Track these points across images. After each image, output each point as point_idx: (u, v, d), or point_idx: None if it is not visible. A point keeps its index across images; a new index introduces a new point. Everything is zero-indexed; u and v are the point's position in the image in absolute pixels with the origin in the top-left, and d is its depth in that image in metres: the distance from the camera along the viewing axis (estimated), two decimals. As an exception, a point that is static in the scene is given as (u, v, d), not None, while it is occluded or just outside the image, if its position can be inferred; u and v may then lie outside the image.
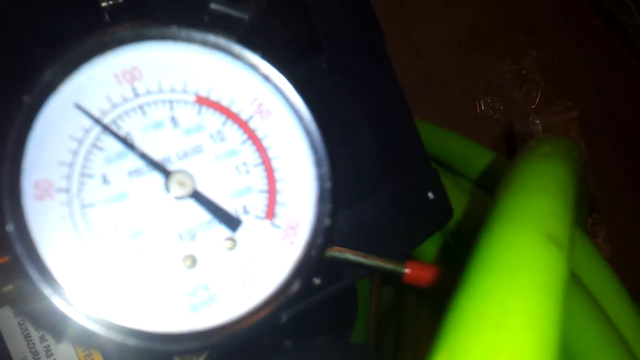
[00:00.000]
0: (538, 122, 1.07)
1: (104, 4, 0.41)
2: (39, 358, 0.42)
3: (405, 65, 1.09)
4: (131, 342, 0.26)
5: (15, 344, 0.42)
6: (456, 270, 0.37)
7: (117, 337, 0.26)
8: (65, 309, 0.26)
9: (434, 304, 0.48)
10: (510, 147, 1.11)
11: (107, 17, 0.42)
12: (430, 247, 0.48)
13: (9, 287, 0.31)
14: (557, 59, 1.13)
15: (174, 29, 0.29)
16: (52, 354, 0.42)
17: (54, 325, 0.40)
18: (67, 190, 0.27)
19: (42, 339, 0.42)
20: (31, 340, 0.42)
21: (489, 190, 0.52)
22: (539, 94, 1.10)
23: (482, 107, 1.12)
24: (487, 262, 0.23)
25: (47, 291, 0.25)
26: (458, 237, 0.46)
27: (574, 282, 0.36)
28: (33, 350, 0.42)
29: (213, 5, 0.34)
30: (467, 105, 1.14)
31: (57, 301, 0.25)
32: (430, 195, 0.41)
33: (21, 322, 0.42)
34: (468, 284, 0.22)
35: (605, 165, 1.08)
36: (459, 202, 0.45)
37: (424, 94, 1.11)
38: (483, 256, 0.23)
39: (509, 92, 1.13)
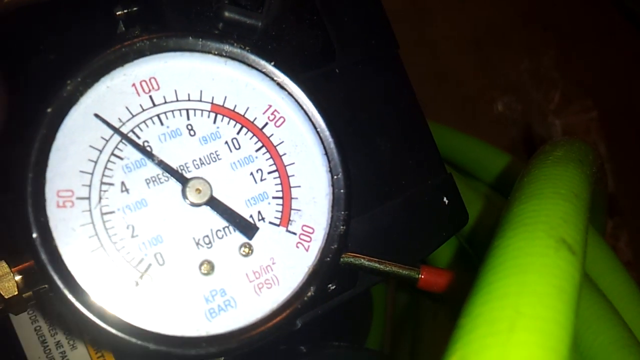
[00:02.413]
0: (557, 122, 1.06)
1: (118, 13, 0.42)
2: (55, 363, 0.43)
3: (421, 65, 1.09)
4: (151, 345, 0.26)
5: (32, 350, 0.43)
6: (471, 276, 0.37)
7: (137, 341, 0.26)
8: (88, 313, 0.26)
9: (450, 310, 0.48)
10: (529, 149, 1.10)
11: (121, 25, 0.43)
12: (446, 252, 0.48)
13: (28, 294, 0.32)
14: (576, 57, 1.12)
15: (190, 40, 0.30)
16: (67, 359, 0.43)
17: (73, 327, 0.41)
18: (88, 199, 0.28)
19: (58, 344, 0.43)
20: (47, 346, 0.43)
21: (504, 194, 0.52)
22: (558, 93, 1.09)
23: (500, 107, 1.11)
24: (500, 267, 0.23)
25: (70, 296, 0.26)
26: (473, 241, 0.46)
27: (590, 286, 0.36)
28: (49, 355, 0.43)
29: (227, 14, 0.35)
30: (484, 105, 1.13)
31: (79, 305, 0.26)
32: (445, 200, 0.41)
33: (37, 327, 0.44)
34: (481, 288, 0.22)
35: (627, 166, 1.06)
36: (474, 206, 0.45)
37: (439, 94, 1.10)
38: (496, 261, 0.23)
39: (526, 91, 1.11)
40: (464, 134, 0.59)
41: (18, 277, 0.32)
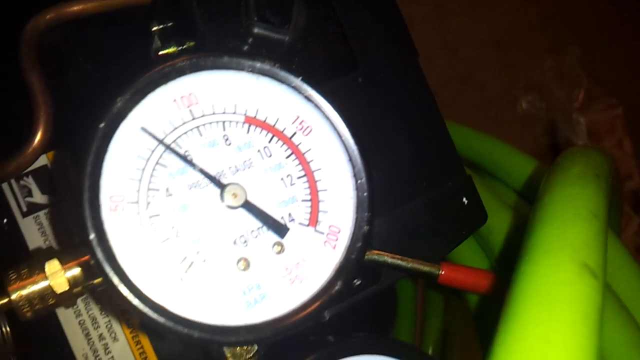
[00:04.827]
0: (581, 120, 1.06)
1: (154, 29, 0.46)
2: (98, 354, 0.47)
3: (443, 66, 1.10)
4: (195, 333, 0.29)
5: (77, 342, 0.47)
6: (492, 273, 0.38)
7: (183, 329, 0.30)
8: (140, 305, 0.30)
9: (476, 308, 0.50)
10: (553, 147, 1.10)
11: (157, 40, 0.47)
12: (466, 253, 0.50)
13: (78, 289, 0.36)
14: (599, 55, 1.11)
15: (225, 59, 0.33)
16: (110, 351, 0.47)
17: (118, 317, 0.44)
18: (137, 203, 0.32)
19: (101, 337, 0.47)
20: (91, 338, 0.47)
21: (523, 195, 0.53)
22: (582, 91, 1.09)
23: (524, 107, 1.11)
24: (527, 296, 0.24)
25: (124, 290, 0.30)
26: (491, 242, 0.48)
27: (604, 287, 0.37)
28: (92, 347, 0.47)
29: (256, 30, 0.38)
30: (507, 105, 1.14)
31: (132, 298, 0.30)
32: (465, 200, 0.43)
33: (81, 321, 0.47)
34: (511, 318, 0.24)
35: (652, 163, 1.06)
36: (492, 206, 0.47)
37: (463, 95, 1.11)
38: (523, 290, 0.24)
39: (550, 90, 1.12)
40: (486, 135, 0.60)
41: (69, 274, 0.35)
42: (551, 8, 1.16)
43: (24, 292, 0.35)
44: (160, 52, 0.43)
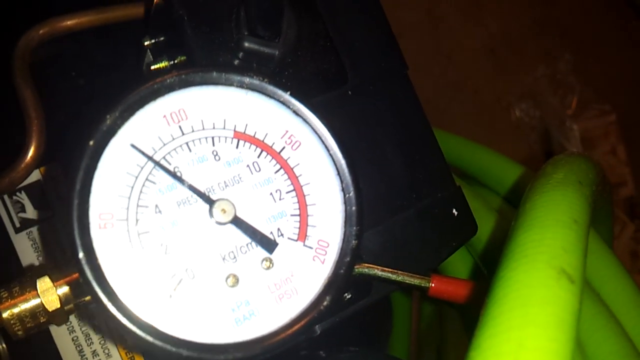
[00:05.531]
0: (575, 127, 1.06)
1: (146, 43, 0.46)
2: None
3: (437, 74, 1.11)
4: (184, 352, 0.29)
5: (70, 358, 0.47)
6: (482, 285, 0.38)
7: (171, 348, 0.30)
8: (128, 323, 0.30)
9: (466, 319, 0.50)
10: (547, 154, 1.10)
11: (149, 54, 0.47)
12: (459, 265, 0.50)
13: (70, 306, 0.36)
14: (592, 61, 1.12)
15: (214, 75, 0.33)
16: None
17: (109, 335, 0.44)
18: (126, 220, 0.32)
19: (94, 353, 0.47)
20: (84, 355, 0.47)
21: (512, 202, 0.53)
22: (575, 98, 1.10)
23: (517, 114, 1.12)
24: (503, 301, 0.24)
25: (112, 308, 0.30)
26: (483, 251, 0.48)
27: (592, 296, 0.37)
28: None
29: (247, 44, 0.38)
30: (501, 112, 1.14)
31: (120, 316, 0.30)
32: (455, 211, 0.43)
33: (75, 338, 0.47)
34: (487, 321, 0.24)
35: (647, 169, 1.06)
36: (483, 216, 0.47)
37: (456, 101, 1.12)
38: (500, 293, 0.25)
39: (544, 97, 1.12)
40: (476, 144, 0.61)
41: (60, 291, 0.35)
42: (544, 15, 1.17)
43: (16, 310, 0.35)
44: (153, 67, 0.43)
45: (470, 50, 1.17)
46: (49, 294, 0.35)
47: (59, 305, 0.35)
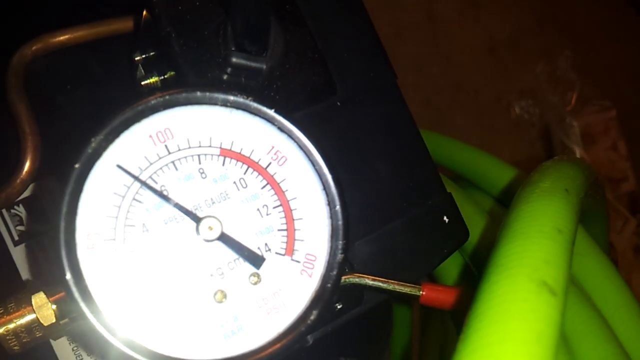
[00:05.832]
0: (575, 123, 1.06)
1: (137, 58, 0.46)
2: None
3: (436, 74, 1.10)
4: (172, 370, 0.30)
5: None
6: (473, 291, 0.38)
7: (160, 366, 0.30)
8: (116, 343, 0.30)
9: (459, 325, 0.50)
10: (548, 151, 1.10)
11: (140, 69, 0.47)
12: (452, 270, 0.50)
13: (65, 320, 0.36)
14: (592, 58, 1.11)
15: (198, 95, 0.33)
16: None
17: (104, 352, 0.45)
18: (113, 240, 0.32)
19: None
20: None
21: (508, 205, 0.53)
22: (575, 94, 1.09)
23: (517, 112, 1.11)
24: (483, 316, 0.24)
25: (99, 327, 0.30)
26: (476, 257, 0.48)
27: (584, 300, 0.37)
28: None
29: (234, 59, 0.38)
30: (501, 110, 1.14)
31: (109, 336, 0.30)
32: (446, 218, 0.43)
33: (75, 348, 0.48)
34: (467, 337, 0.24)
35: (648, 164, 1.05)
36: (476, 221, 0.47)
37: (456, 101, 1.11)
38: (479, 309, 0.25)
39: (544, 94, 1.12)
40: (470, 147, 0.61)
41: (55, 306, 0.36)
42: (543, 12, 1.16)
43: (11, 325, 0.36)
44: (143, 82, 0.44)
45: (470, 50, 1.16)
46: (45, 309, 0.36)
47: (54, 320, 0.36)
